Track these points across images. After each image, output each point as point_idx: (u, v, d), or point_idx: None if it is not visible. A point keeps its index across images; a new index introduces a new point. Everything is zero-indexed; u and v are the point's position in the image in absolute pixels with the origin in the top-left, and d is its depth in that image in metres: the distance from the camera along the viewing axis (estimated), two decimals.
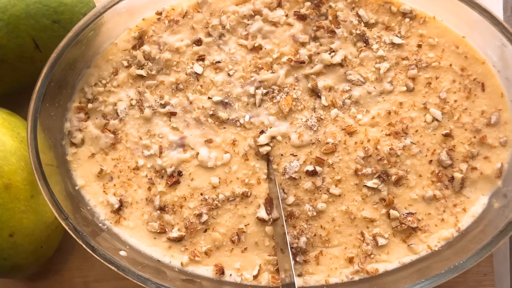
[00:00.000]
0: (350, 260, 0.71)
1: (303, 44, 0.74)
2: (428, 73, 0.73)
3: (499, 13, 0.83)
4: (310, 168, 0.71)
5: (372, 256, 0.71)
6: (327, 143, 0.72)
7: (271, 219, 0.71)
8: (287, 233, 0.70)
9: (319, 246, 0.72)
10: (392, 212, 0.70)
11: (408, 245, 0.71)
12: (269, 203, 0.71)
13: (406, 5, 0.72)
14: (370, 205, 0.71)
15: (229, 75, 0.74)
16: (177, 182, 0.73)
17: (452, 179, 0.71)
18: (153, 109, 0.74)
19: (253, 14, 0.74)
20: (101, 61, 0.74)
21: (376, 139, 0.72)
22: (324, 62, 0.73)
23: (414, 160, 0.72)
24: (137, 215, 0.73)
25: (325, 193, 0.72)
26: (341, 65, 0.73)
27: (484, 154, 0.71)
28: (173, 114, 0.74)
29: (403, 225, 0.70)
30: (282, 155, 0.73)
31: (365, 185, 0.71)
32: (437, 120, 0.72)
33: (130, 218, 0.73)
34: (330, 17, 0.73)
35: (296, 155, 0.72)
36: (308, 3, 0.74)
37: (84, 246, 0.67)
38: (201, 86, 0.74)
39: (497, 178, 0.71)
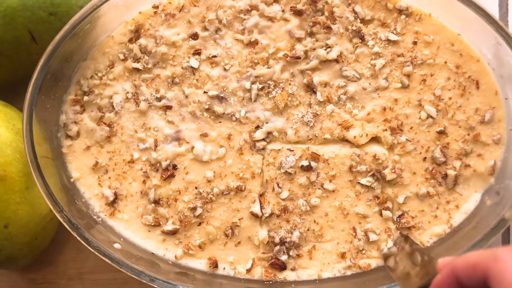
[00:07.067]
0: (343, 255, 0.71)
1: (299, 40, 0.74)
2: (423, 70, 0.73)
3: (495, 10, 0.83)
4: (305, 163, 0.72)
5: (363, 251, 0.71)
6: (325, 139, 0.72)
7: (264, 214, 0.71)
8: (281, 227, 0.71)
9: (312, 241, 0.72)
10: (384, 212, 0.71)
11: None
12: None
13: (402, 2, 0.72)
14: (363, 202, 0.72)
15: (225, 69, 0.74)
16: (172, 176, 0.73)
17: (445, 176, 0.72)
18: (148, 103, 0.74)
19: (249, 9, 0.74)
20: (98, 54, 0.74)
21: (373, 135, 0.72)
22: (319, 58, 0.73)
23: (408, 158, 0.72)
24: (132, 208, 0.73)
25: (319, 188, 0.72)
26: (336, 61, 0.73)
27: (477, 151, 0.72)
28: (168, 107, 0.74)
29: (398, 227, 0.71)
30: (279, 149, 0.73)
31: (359, 182, 0.72)
32: (431, 117, 0.72)
33: (124, 211, 0.73)
34: (326, 13, 0.73)
35: (293, 150, 0.73)
36: None
37: (78, 238, 0.67)
38: (197, 80, 0.74)
39: (490, 176, 0.71)
